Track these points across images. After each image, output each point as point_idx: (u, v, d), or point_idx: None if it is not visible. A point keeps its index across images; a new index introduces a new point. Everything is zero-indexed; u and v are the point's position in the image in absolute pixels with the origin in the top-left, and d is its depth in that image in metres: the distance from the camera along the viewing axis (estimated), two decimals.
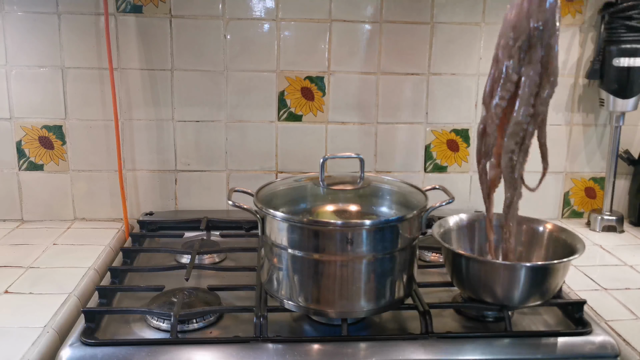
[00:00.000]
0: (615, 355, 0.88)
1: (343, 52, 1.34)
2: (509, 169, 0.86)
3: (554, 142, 1.42)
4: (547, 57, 0.80)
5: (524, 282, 0.88)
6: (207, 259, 1.17)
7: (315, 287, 0.87)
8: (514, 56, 0.80)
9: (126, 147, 1.35)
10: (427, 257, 1.19)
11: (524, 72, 0.81)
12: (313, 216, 0.88)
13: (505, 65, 0.82)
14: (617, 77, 1.30)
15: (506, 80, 0.82)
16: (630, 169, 1.43)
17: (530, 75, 0.80)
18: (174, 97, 1.34)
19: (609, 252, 1.25)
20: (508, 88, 0.82)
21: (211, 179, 1.39)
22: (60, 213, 1.37)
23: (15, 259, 1.14)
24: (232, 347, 0.86)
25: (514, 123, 0.83)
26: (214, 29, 1.31)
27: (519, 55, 0.80)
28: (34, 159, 1.34)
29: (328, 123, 1.38)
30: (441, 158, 1.42)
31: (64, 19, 1.28)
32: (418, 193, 0.96)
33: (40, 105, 1.32)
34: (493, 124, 0.85)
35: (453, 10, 1.34)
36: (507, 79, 0.82)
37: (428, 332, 0.89)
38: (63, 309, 0.96)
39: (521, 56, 0.80)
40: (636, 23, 1.27)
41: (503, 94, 0.83)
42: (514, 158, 0.85)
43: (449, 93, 1.38)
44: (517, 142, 0.84)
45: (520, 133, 0.83)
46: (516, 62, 0.81)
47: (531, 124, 0.83)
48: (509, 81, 0.82)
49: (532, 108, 0.82)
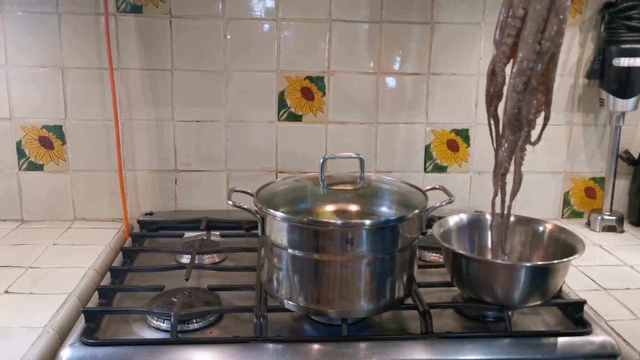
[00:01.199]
0: (615, 355, 0.88)
1: (343, 52, 1.34)
2: (514, 109, 0.82)
3: (554, 142, 1.42)
4: None
5: (524, 282, 0.88)
6: (207, 259, 1.17)
7: (315, 287, 0.87)
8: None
9: (126, 147, 1.35)
10: (427, 257, 1.19)
11: (530, 6, 0.78)
12: (313, 216, 0.88)
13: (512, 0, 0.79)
14: (617, 77, 1.30)
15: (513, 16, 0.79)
16: (630, 169, 1.43)
17: (536, 9, 0.77)
18: (174, 97, 1.34)
19: (609, 252, 1.25)
20: (514, 24, 0.79)
21: (211, 179, 1.39)
22: (60, 213, 1.37)
23: (15, 259, 1.14)
24: (232, 347, 0.86)
25: (520, 60, 0.80)
26: (214, 29, 1.31)
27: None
28: (34, 159, 1.34)
29: (328, 123, 1.38)
30: (441, 158, 1.42)
31: (64, 19, 1.28)
32: (418, 193, 0.96)
33: (40, 105, 1.32)
34: (501, 63, 0.82)
35: (453, 10, 1.34)
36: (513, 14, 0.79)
37: (428, 332, 0.89)
38: (63, 309, 0.96)
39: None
40: (636, 23, 1.27)
41: (509, 30, 0.80)
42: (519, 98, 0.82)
43: (449, 93, 1.38)
44: (524, 80, 0.80)
45: (527, 71, 0.80)
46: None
47: (538, 62, 0.80)
48: (515, 17, 0.79)
49: (539, 45, 0.79)
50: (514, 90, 0.82)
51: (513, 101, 0.82)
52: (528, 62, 0.80)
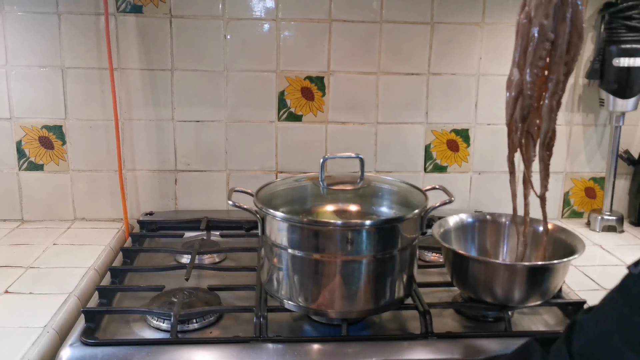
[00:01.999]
0: None
1: (343, 52, 1.34)
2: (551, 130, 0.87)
3: None
4: (575, 14, 0.81)
5: (524, 282, 0.88)
6: (207, 259, 1.17)
7: (315, 287, 0.87)
8: (549, 14, 0.81)
9: (126, 147, 1.35)
10: (427, 257, 1.19)
11: (561, 29, 0.82)
12: (313, 216, 0.88)
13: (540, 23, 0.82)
14: (617, 77, 1.30)
15: (543, 39, 0.83)
16: (630, 169, 1.43)
17: (565, 33, 0.82)
18: (174, 97, 1.34)
19: (609, 252, 1.25)
20: (546, 47, 0.83)
21: (211, 179, 1.39)
22: (60, 213, 1.37)
23: (15, 259, 1.14)
24: (232, 347, 0.86)
25: (555, 82, 0.84)
26: (214, 29, 1.31)
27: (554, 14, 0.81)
28: (34, 159, 1.34)
29: (328, 123, 1.38)
30: (441, 158, 1.42)
31: (64, 19, 1.28)
32: (418, 193, 0.96)
33: (40, 105, 1.32)
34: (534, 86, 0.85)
35: (453, 10, 1.33)
36: (543, 37, 0.82)
37: (428, 332, 0.89)
38: (63, 309, 0.96)
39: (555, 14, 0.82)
40: (636, 23, 1.27)
41: (542, 53, 0.83)
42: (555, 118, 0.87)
43: (449, 93, 1.38)
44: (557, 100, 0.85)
45: (559, 92, 0.85)
46: (551, 20, 0.81)
47: (565, 82, 0.85)
48: (546, 40, 0.83)
49: (565, 66, 0.84)
50: (552, 111, 0.86)
51: (552, 122, 0.87)
52: (559, 84, 0.84)
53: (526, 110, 0.87)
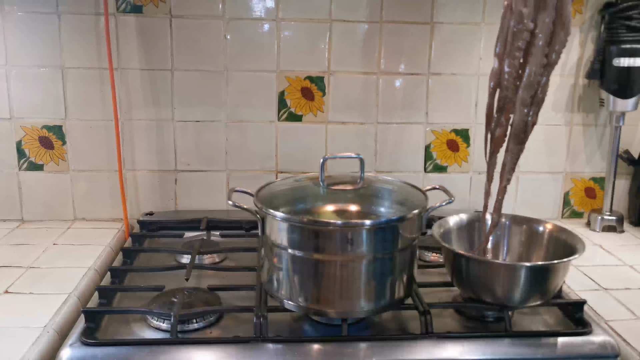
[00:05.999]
0: (615, 355, 0.88)
1: (343, 52, 1.34)
2: (522, 123, 0.83)
3: (554, 142, 1.42)
4: (561, 2, 0.78)
5: (524, 282, 0.88)
6: (207, 259, 1.17)
7: (315, 287, 0.87)
8: (529, 2, 0.78)
9: (126, 147, 1.35)
10: (427, 257, 1.19)
11: (539, 19, 0.78)
12: (313, 216, 0.88)
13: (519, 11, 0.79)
14: (617, 77, 1.30)
15: (522, 29, 0.79)
16: (630, 169, 1.43)
17: (545, 22, 0.78)
18: (174, 97, 1.34)
19: (609, 252, 1.25)
20: (524, 37, 0.80)
21: (211, 179, 1.39)
22: (60, 213, 1.37)
23: (15, 259, 1.14)
24: (232, 347, 0.86)
25: (529, 73, 0.81)
26: (214, 29, 1.31)
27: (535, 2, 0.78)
28: (34, 159, 1.34)
29: (328, 123, 1.38)
30: (441, 158, 1.42)
31: (64, 19, 1.28)
32: (418, 193, 0.96)
33: (40, 105, 1.32)
34: (511, 77, 0.82)
35: (453, 10, 1.34)
36: (523, 27, 0.79)
37: (428, 332, 0.89)
38: (63, 309, 0.96)
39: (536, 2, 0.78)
40: (636, 23, 1.27)
41: (519, 43, 0.80)
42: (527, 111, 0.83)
43: (449, 93, 1.38)
44: (532, 94, 0.82)
45: (534, 85, 0.81)
46: (532, 8, 0.78)
47: (544, 75, 0.81)
48: (525, 29, 0.79)
49: (546, 58, 0.80)
50: (523, 103, 0.83)
51: (522, 114, 0.83)
52: (536, 76, 0.81)
53: (502, 101, 0.85)
